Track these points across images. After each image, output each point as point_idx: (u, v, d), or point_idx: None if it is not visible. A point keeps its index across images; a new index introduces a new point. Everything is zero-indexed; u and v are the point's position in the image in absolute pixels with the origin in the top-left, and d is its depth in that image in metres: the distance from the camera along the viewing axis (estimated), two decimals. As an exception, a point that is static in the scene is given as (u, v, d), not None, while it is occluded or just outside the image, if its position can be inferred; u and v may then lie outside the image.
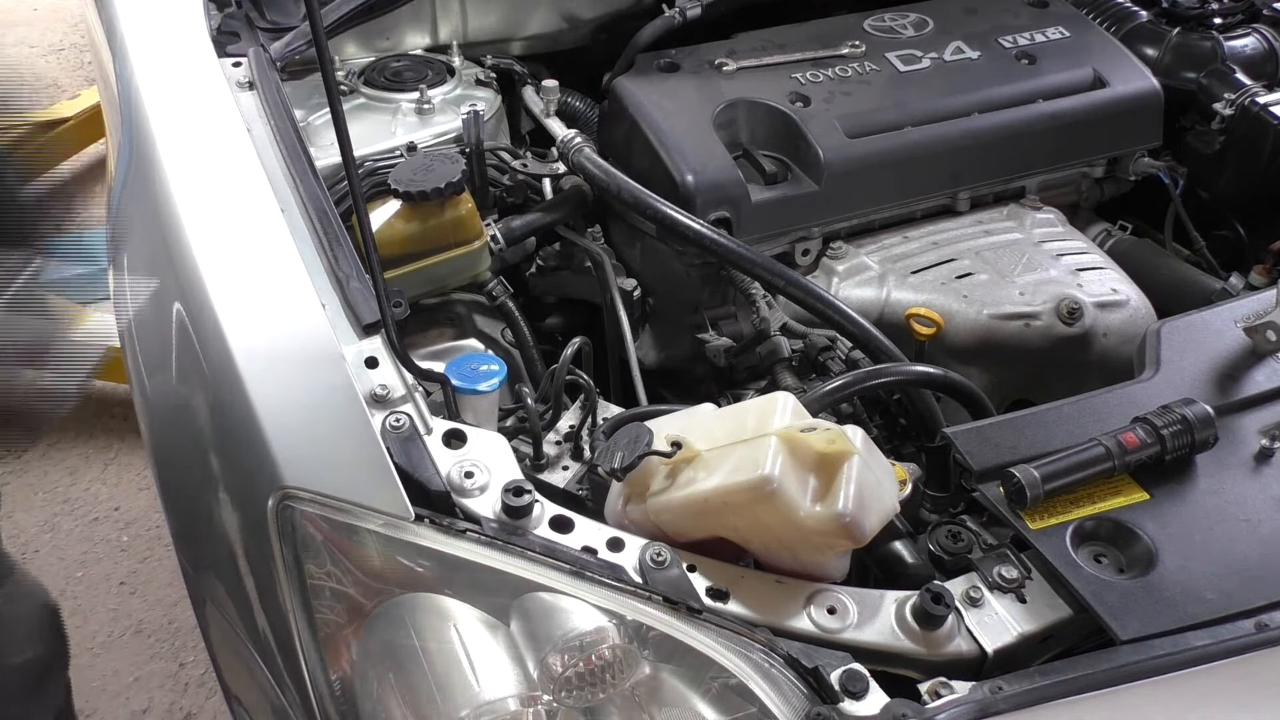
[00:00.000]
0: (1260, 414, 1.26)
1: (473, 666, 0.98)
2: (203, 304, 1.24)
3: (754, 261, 1.56)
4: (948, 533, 1.16)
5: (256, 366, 1.16)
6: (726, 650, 1.00)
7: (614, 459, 1.12)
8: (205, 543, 1.26)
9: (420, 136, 1.77)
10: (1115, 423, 1.21)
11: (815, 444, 1.07)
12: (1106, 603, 1.05)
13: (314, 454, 1.09)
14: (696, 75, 1.84)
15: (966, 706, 0.97)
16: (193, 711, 2.34)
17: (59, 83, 4.56)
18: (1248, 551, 1.11)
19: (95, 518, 2.77)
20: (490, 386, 1.25)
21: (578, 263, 1.79)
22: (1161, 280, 1.77)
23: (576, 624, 1.00)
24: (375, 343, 1.21)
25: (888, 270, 1.71)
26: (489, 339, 1.64)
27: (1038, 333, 1.61)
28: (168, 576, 2.62)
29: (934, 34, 1.96)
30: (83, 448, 2.95)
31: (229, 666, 1.29)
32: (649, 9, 2.09)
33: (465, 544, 1.05)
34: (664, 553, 1.07)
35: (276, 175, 1.41)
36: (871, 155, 1.74)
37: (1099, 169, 1.93)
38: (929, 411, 1.42)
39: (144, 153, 1.49)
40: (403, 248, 1.54)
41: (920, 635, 1.05)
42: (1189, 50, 1.99)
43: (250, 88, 1.58)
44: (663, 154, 1.70)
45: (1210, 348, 1.34)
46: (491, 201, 1.78)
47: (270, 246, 1.31)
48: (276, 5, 1.88)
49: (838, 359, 1.54)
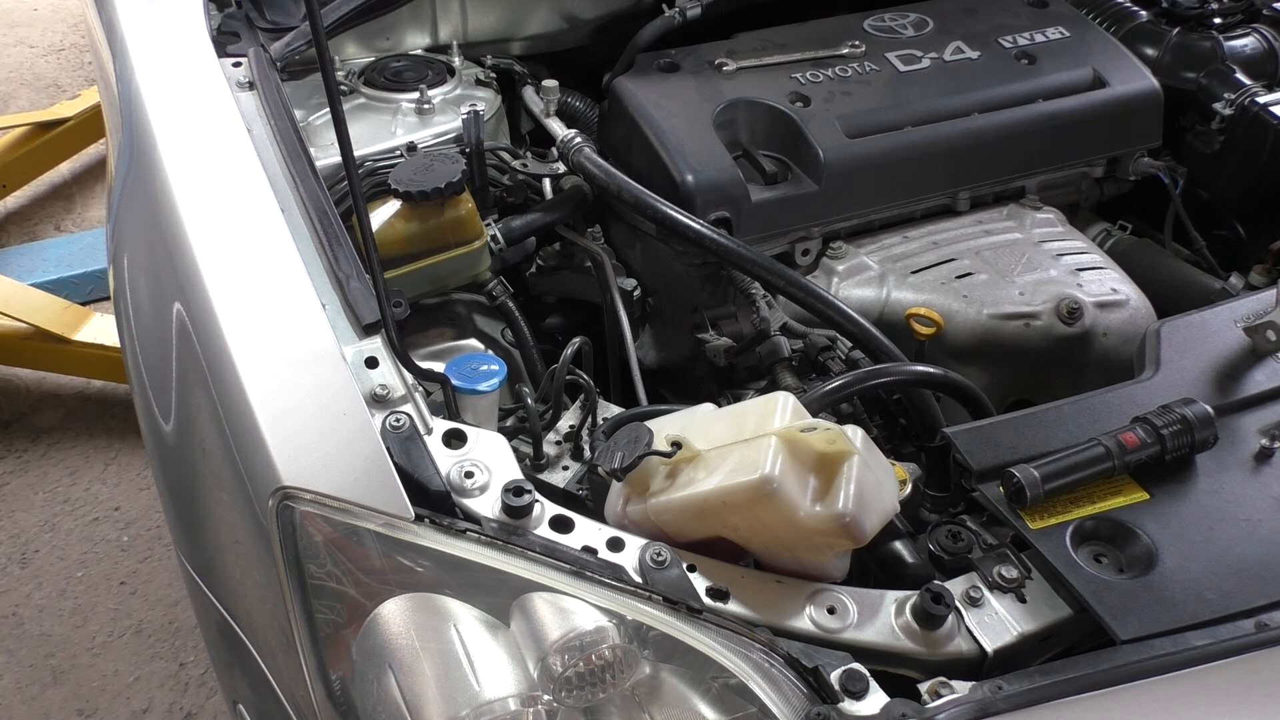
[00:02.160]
0: (1260, 414, 1.26)
1: (473, 666, 0.98)
2: (203, 304, 1.24)
3: (754, 261, 1.56)
4: (948, 533, 1.16)
5: (256, 366, 1.16)
6: (726, 650, 1.00)
7: (614, 459, 1.12)
8: (205, 543, 1.26)
9: (420, 136, 1.77)
10: (1115, 423, 1.21)
11: (815, 444, 1.07)
12: (1106, 603, 1.05)
13: (314, 454, 1.09)
14: (696, 75, 1.84)
15: (966, 706, 0.97)
16: (193, 711, 2.34)
17: (59, 83, 4.56)
18: (1248, 551, 1.11)
19: (95, 518, 2.77)
20: (490, 386, 1.25)
21: (578, 263, 1.79)
22: (1161, 280, 1.77)
23: (576, 624, 1.00)
24: (375, 343, 1.21)
25: (888, 270, 1.71)
26: (489, 339, 1.64)
27: (1038, 333, 1.61)
28: (168, 576, 2.62)
29: (934, 34, 1.96)
30: (83, 448, 2.96)
31: (229, 666, 1.29)
32: (649, 9, 2.09)
33: (465, 544, 1.05)
34: (664, 553, 1.07)
35: (276, 175, 1.41)
36: (871, 155, 1.74)
37: (1099, 169, 1.93)
38: (929, 411, 1.42)
39: (144, 153, 1.49)
40: (403, 248, 1.54)
41: (920, 635, 1.05)
42: (1189, 50, 1.99)
43: (250, 88, 1.58)
44: (663, 154, 1.70)
45: (1210, 348, 1.34)
46: (491, 201, 1.78)
47: (270, 246, 1.31)
48: (276, 5, 1.88)
49: (838, 359, 1.54)
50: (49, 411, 3.07)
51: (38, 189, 3.88)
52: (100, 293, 3.36)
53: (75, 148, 3.88)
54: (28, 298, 3.07)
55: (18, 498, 2.82)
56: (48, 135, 3.74)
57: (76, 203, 3.87)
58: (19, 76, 4.60)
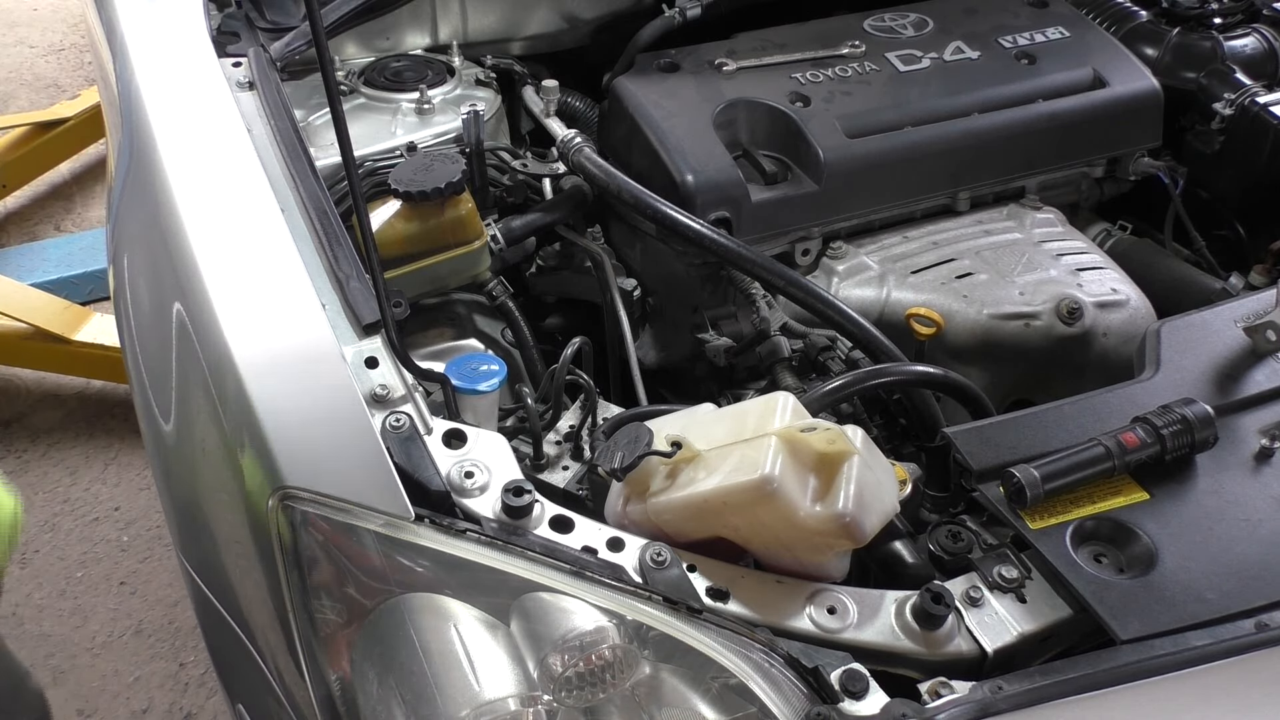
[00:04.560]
0: (1260, 414, 1.26)
1: (473, 666, 0.98)
2: (203, 304, 1.24)
3: (754, 261, 1.56)
4: (948, 533, 1.16)
5: (256, 366, 1.16)
6: (726, 650, 1.00)
7: (614, 459, 1.12)
8: (205, 543, 1.26)
9: (420, 136, 1.77)
10: (1115, 423, 1.21)
11: (815, 444, 1.07)
12: (1106, 603, 1.05)
13: (314, 454, 1.09)
14: (696, 75, 1.84)
15: (966, 706, 0.97)
16: (193, 711, 2.34)
17: (59, 83, 4.56)
18: (1248, 551, 1.11)
19: (95, 518, 2.77)
20: (490, 386, 1.25)
21: (578, 263, 1.79)
22: (1161, 280, 1.77)
23: (576, 624, 1.00)
24: (375, 343, 1.21)
25: (888, 270, 1.71)
26: (489, 339, 1.64)
27: (1038, 333, 1.61)
28: (168, 576, 2.62)
29: (934, 34, 1.96)
30: (83, 448, 2.96)
31: (229, 667, 1.29)
32: (649, 9, 2.09)
33: (465, 544, 1.05)
34: (664, 553, 1.07)
35: (276, 175, 1.41)
36: (871, 155, 1.74)
37: (1099, 169, 1.93)
38: (929, 411, 1.42)
39: (144, 153, 1.49)
40: (403, 248, 1.54)
41: (920, 635, 1.05)
42: (1189, 50, 1.99)
43: (250, 88, 1.58)
44: (663, 154, 1.70)
45: (1210, 348, 1.34)
46: (491, 201, 1.77)
47: (270, 246, 1.31)
48: (276, 5, 1.88)
49: (838, 359, 1.54)
50: (49, 411, 3.07)
51: (38, 189, 3.88)
52: (100, 293, 3.36)
53: (75, 148, 3.88)
54: (28, 298, 3.07)
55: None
56: (48, 135, 3.74)
57: (76, 203, 3.87)
58: (19, 76, 4.60)
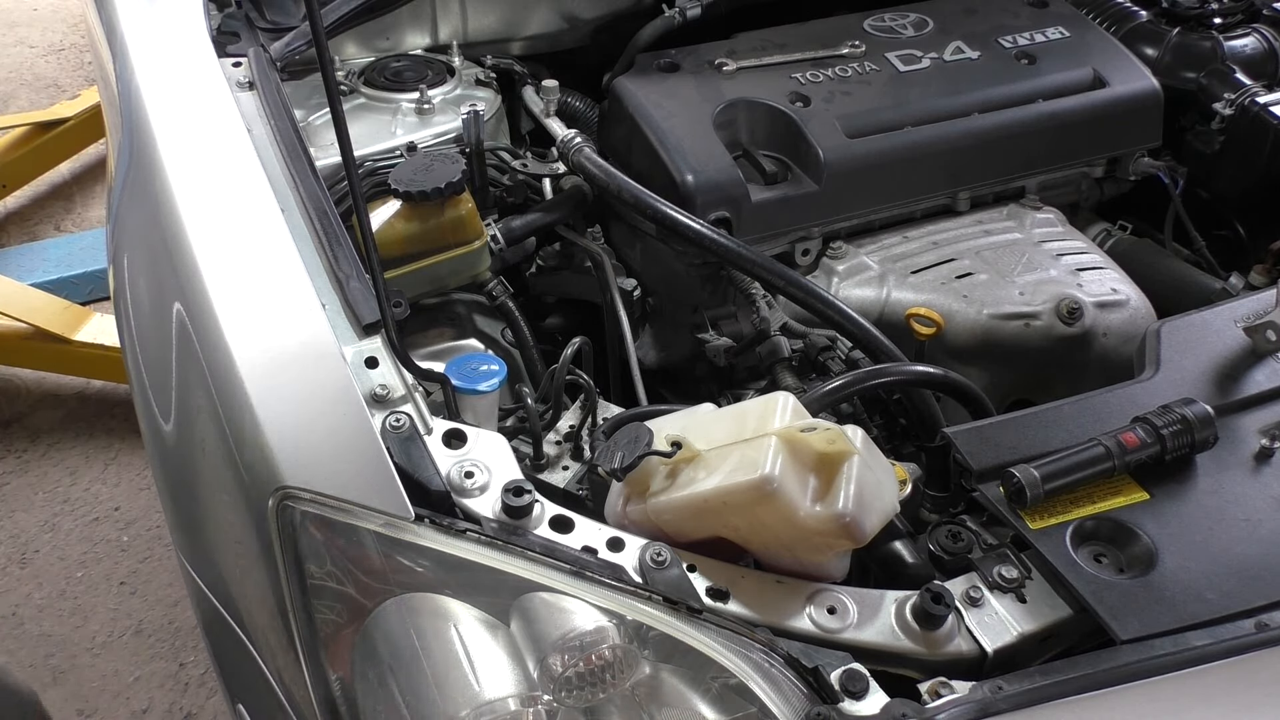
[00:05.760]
0: (1260, 414, 1.26)
1: (473, 666, 0.98)
2: (203, 304, 1.24)
3: (754, 261, 1.56)
4: (948, 533, 1.16)
5: (256, 366, 1.16)
6: (726, 650, 1.00)
7: (614, 459, 1.12)
8: (205, 543, 1.26)
9: (420, 136, 1.77)
10: (1115, 423, 1.21)
11: (815, 444, 1.07)
12: (1106, 603, 1.05)
13: (314, 454, 1.09)
14: (696, 75, 1.84)
15: (966, 706, 0.97)
16: (193, 711, 2.34)
17: (59, 83, 4.56)
18: (1248, 551, 1.11)
19: (95, 518, 2.77)
20: (490, 386, 1.25)
21: (578, 263, 1.79)
22: (1161, 280, 1.77)
23: (576, 624, 1.00)
24: (375, 343, 1.21)
25: (888, 270, 1.71)
26: (489, 339, 1.64)
27: (1038, 333, 1.61)
28: (168, 576, 2.62)
29: (934, 34, 1.96)
30: (83, 448, 2.96)
31: (229, 666, 1.29)
32: (649, 9, 2.09)
33: (465, 544, 1.05)
34: (664, 553, 1.07)
35: (276, 175, 1.41)
36: (871, 155, 1.74)
37: (1099, 169, 1.93)
38: (929, 411, 1.42)
39: (144, 153, 1.49)
40: (403, 248, 1.54)
41: (920, 635, 1.05)
42: (1189, 50, 1.99)
43: (250, 88, 1.58)
44: (663, 154, 1.70)
45: (1210, 348, 1.34)
46: (491, 201, 1.77)
47: (270, 246, 1.31)
48: (276, 5, 1.88)
49: (838, 359, 1.54)
50: (49, 411, 3.07)
51: (38, 189, 3.88)
52: (100, 293, 3.36)
53: (75, 148, 3.88)
54: (28, 298, 3.08)
55: (18, 498, 2.82)
56: (48, 135, 3.74)
57: (76, 203, 3.87)
58: (19, 76, 4.60)
